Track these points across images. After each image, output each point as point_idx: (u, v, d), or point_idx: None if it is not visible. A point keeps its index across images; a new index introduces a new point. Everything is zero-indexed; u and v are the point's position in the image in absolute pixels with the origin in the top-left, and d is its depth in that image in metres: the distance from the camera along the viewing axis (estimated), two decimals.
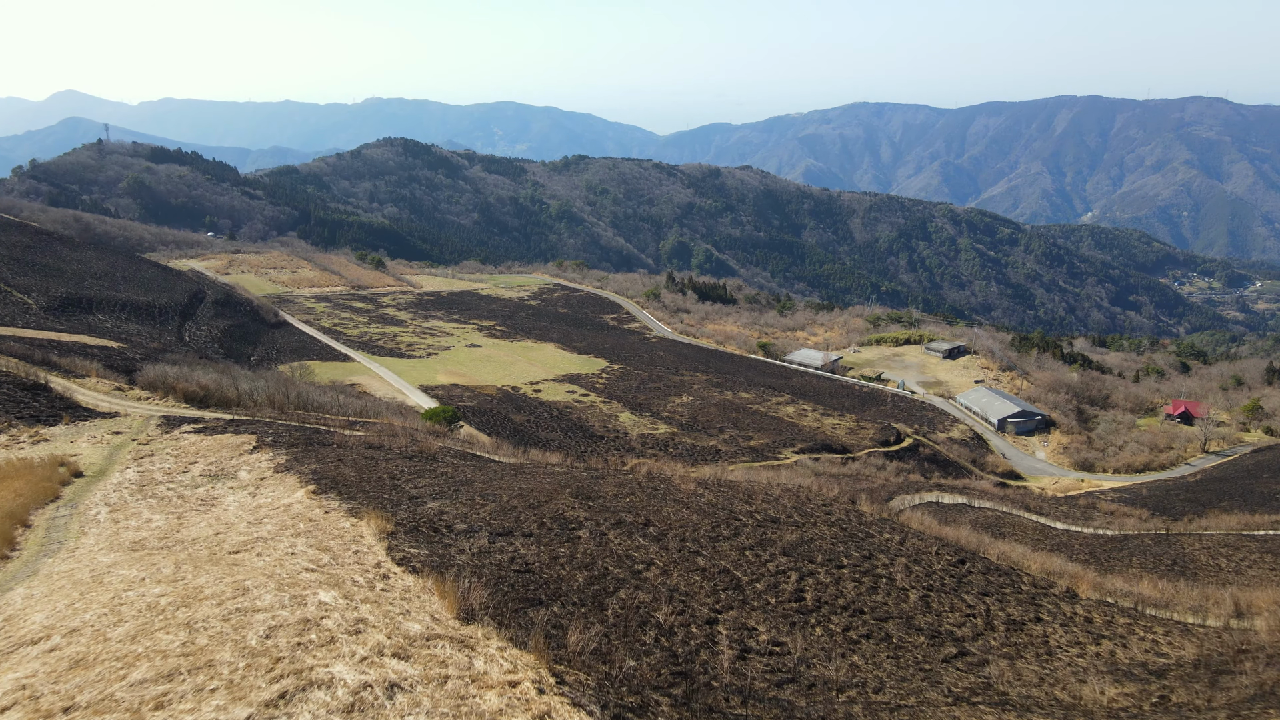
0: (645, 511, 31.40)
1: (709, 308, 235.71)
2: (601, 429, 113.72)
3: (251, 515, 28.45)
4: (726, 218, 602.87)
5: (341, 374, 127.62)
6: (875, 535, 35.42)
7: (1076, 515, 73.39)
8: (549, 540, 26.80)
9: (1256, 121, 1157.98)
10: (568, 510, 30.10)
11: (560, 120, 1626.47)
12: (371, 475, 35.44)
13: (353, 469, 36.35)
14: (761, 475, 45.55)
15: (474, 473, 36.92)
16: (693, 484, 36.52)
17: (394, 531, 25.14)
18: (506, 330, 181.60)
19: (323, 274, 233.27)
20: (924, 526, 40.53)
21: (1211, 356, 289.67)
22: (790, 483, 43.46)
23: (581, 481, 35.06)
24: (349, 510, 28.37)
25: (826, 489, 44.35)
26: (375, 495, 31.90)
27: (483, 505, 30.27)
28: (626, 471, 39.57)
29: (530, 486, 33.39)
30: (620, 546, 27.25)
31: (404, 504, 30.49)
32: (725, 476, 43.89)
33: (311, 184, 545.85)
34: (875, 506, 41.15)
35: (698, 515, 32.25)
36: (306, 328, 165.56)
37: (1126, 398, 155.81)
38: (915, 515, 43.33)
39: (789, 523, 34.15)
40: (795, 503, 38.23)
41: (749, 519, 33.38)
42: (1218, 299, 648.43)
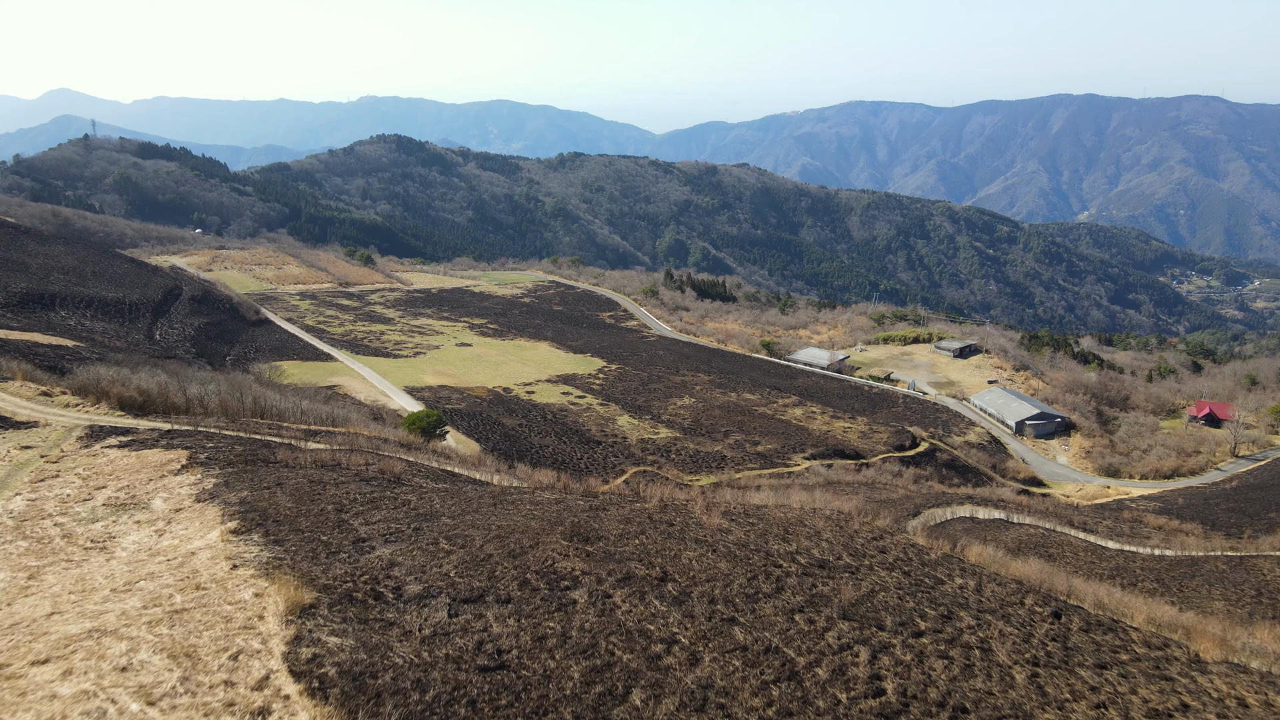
0: (660, 558, 24.21)
1: (708, 305, 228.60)
2: (599, 433, 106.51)
3: (131, 573, 21.22)
4: (724, 216, 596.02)
5: (322, 375, 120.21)
6: (945, 580, 28.30)
7: (1125, 531, 66.47)
8: (533, 609, 19.62)
9: (1253, 120, 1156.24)
10: (560, 560, 22.89)
11: (556, 119, 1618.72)
12: (314, 506, 28.20)
13: (292, 497, 29.09)
14: (793, 498, 38.42)
15: (444, 501, 29.67)
16: (717, 516, 29.29)
17: (314, 604, 17.95)
18: (499, 328, 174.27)
19: (309, 270, 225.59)
20: (993, 563, 33.44)
21: (1220, 355, 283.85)
22: (828, 507, 36.31)
23: (578, 515, 27.83)
24: (265, 565, 21.17)
25: (872, 515, 37.22)
26: (311, 537, 24.67)
27: (448, 552, 23.06)
28: (633, 498, 32.37)
29: (513, 523, 26.15)
30: (630, 616, 20.08)
31: (345, 550, 23.28)
32: (750, 500, 36.71)
33: (303, 181, 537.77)
34: (936, 541, 34.01)
35: (727, 561, 25.06)
36: (289, 326, 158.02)
37: (1147, 399, 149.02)
38: (973, 546, 36.28)
39: (841, 567, 27.00)
40: (841, 536, 31.09)
41: (791, 564, 26.23)
42: (1216, 297, 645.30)
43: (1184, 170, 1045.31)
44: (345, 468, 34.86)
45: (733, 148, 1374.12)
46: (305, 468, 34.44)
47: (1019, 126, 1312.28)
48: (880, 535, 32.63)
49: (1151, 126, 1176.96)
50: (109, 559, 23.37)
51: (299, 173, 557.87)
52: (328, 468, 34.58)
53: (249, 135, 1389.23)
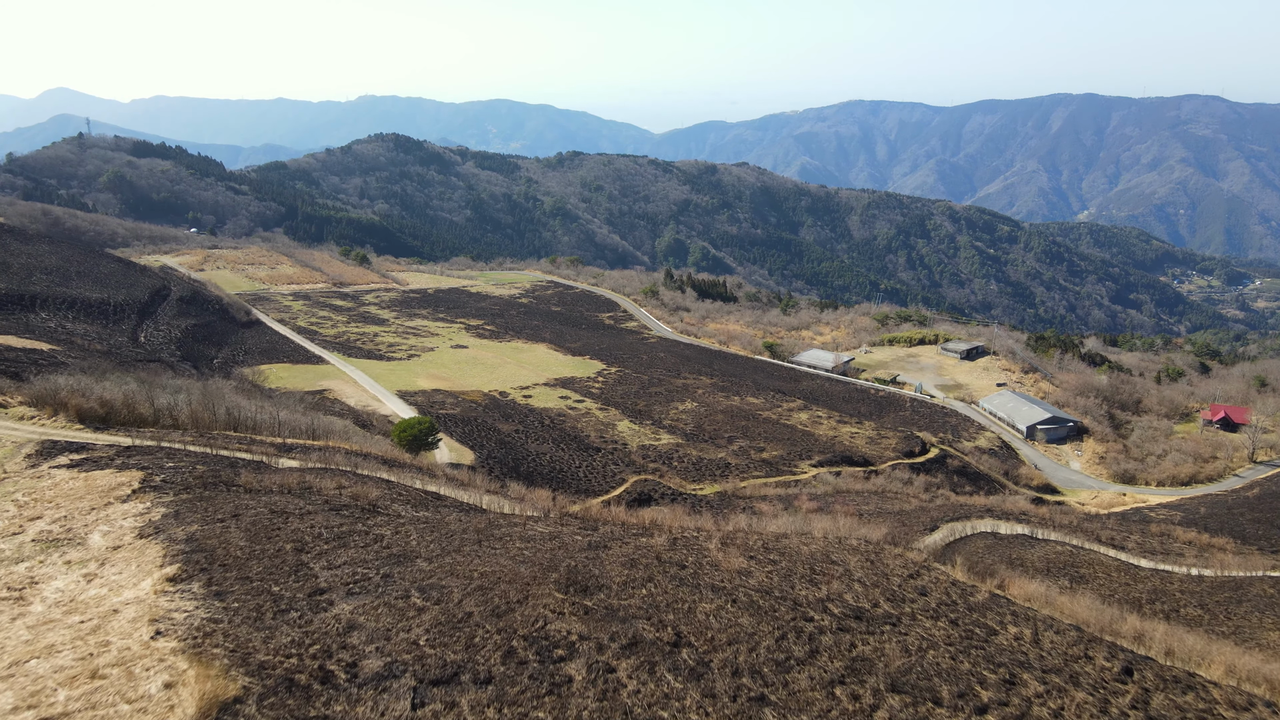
0: (672, 614, 20.48)
1: (709, 306, 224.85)
2: (598, 439, 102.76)
3: (30, 642, 17.48)
4: (723, 215, 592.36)
5: (312, 378, 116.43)
6: (998, 630, 24.59)
7: (1155, 547, 62.82)
8: (519, 692, 15.91)
9: (1252, 119, 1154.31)
10: (553, 620, 19.16)
11: (555, 118, 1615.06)
12: (271, 544, 24.46)
13: (247, 533, 25.35)
14: (815, 525, 34.69)
15: (422, 537, 25.92)
16: (735, 555, 25.54)
17: (240, 698, 14.24)
18: (495, 330, 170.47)
19: (303, 270, 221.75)
20: (1043, 603, 29.72)
21: (1226, 356, 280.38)
22: (854, 536, 32.54)
23: (575, 555, 24.09)
24: (195, 632, 17.47)
25: (899, 541, 33.51)
26: (260, 587, 20.94)
27: (420, 610, 19.33)
28: (638, 529, 28.60)
29: (499, 569, 22.41)
30: (639, 698, 16.37)
31: (298, 607, 19.54)
32: (767, 529, 32.99)
33: (300, 180, 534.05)
34: (979, 580, 30.26)
35: (751, 615, 21.33)
36: (280, 327, 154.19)
37: (1160, 402, 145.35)
38: (1016, 580, 32.58)
39: (879, 617, 23.29)
40: (874, 574, 27.37)
41: (823, 615, 22.51)
42: (1217, 297, 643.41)
43: (1184, 170, 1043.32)
44: (315, 493, 31.10)
45: (732, 147, 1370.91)
46: (270, 494, 30.69)
47: (1018, 126, 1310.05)
48: (917, 571, 28.90)
49: (1151, 126, 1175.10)
50: (17, 616, 19.63)
51: (296, 172, 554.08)
52: (294, 494, 30.82)
53: (247, 135, 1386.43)
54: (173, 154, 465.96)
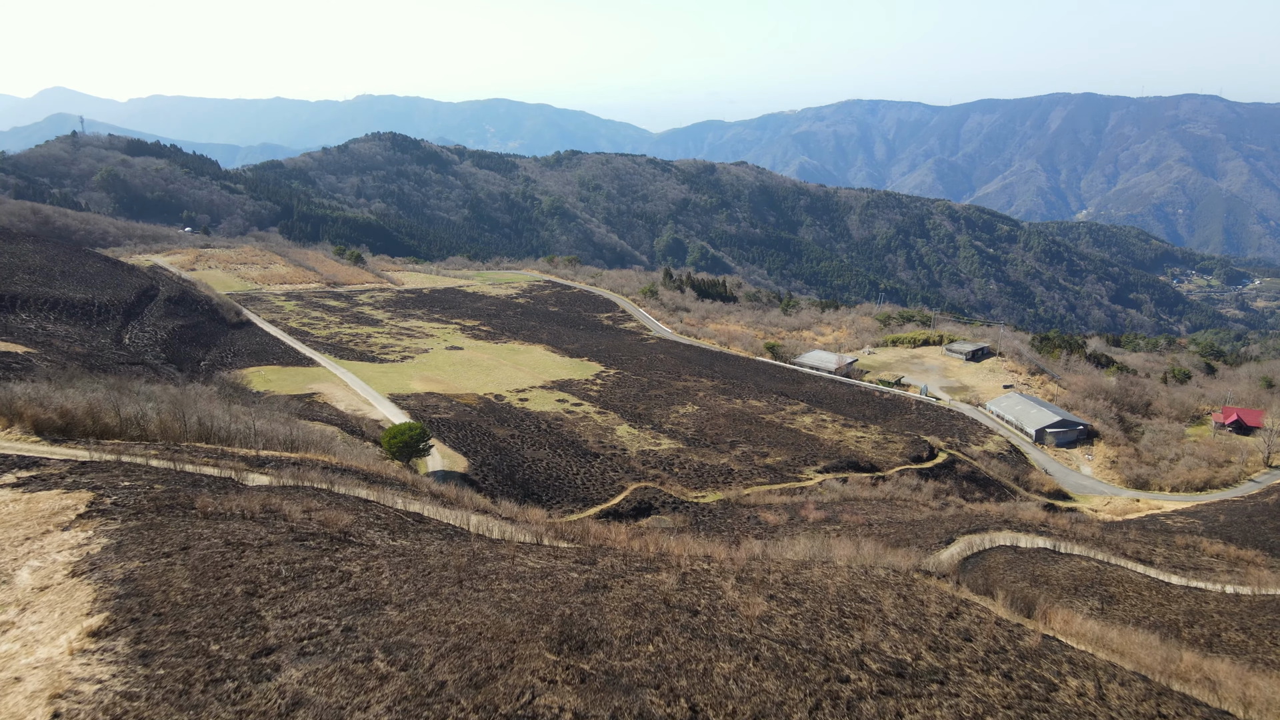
0: (685, 678, 17.21)
1: (709, 306, 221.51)
2: (596, 444, 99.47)
3: None
4: (722, 214, 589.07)
5: (302, 381, 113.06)
6: (1057, 683, 21.33)
7: (1183, 562, 59.65)
8: None
9: (1250, 119, 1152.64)
10: (543, 691, 15.90)
11: (553, 118, 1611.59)
12: (219, 587, 21.18)
13: (194, 572, 22.07)
14: (836, 551, 31.39)
15: (396, 575, 22.64)
16: (755, 596, 22.29)
17: None
18: (492, 331, 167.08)
19: (296, 270, 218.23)
20: (1097, 642, 26.52)
21: (1229, 356, 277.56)
22: (881, 565, 29.30)
23: (570, 602, 20.82)
24: (106, 712, 14.23)
25: (934, 573, 30.25)
26: (198, 645, 17.67)
27: (383, 680, 16.07)
28: (642, 564, 25.33)
29: (481, 620, 19.13)
30: None
31: (236, 675, 16.27)
32: (785, 556, 29.72)
33: (296, 179, 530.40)
34: (1013, 612, 27.04)
35: (777, 677, 18.06)
36: (271, 328, 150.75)
37: (1170, 404, 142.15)
38: (1059, 613, 29.36)
39: (924, 673, 20.02)
40: (909, 614, 24.12)
41: (859, 672, 19.25)
42: (1217, 297, 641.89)
43: (1182, 169, 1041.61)
44: (280, 518, 27.81)
45: (730, 146, 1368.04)
46: (229, 520, 27.40)
47: (1017, 125, 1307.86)
48: (956, 609, 25.65)
49: (1149, 125, 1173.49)
50: None
51: (292, 170, 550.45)
52: (256, 520, 27.51)
53: (244, 134, 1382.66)
54: (167, 153, 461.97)
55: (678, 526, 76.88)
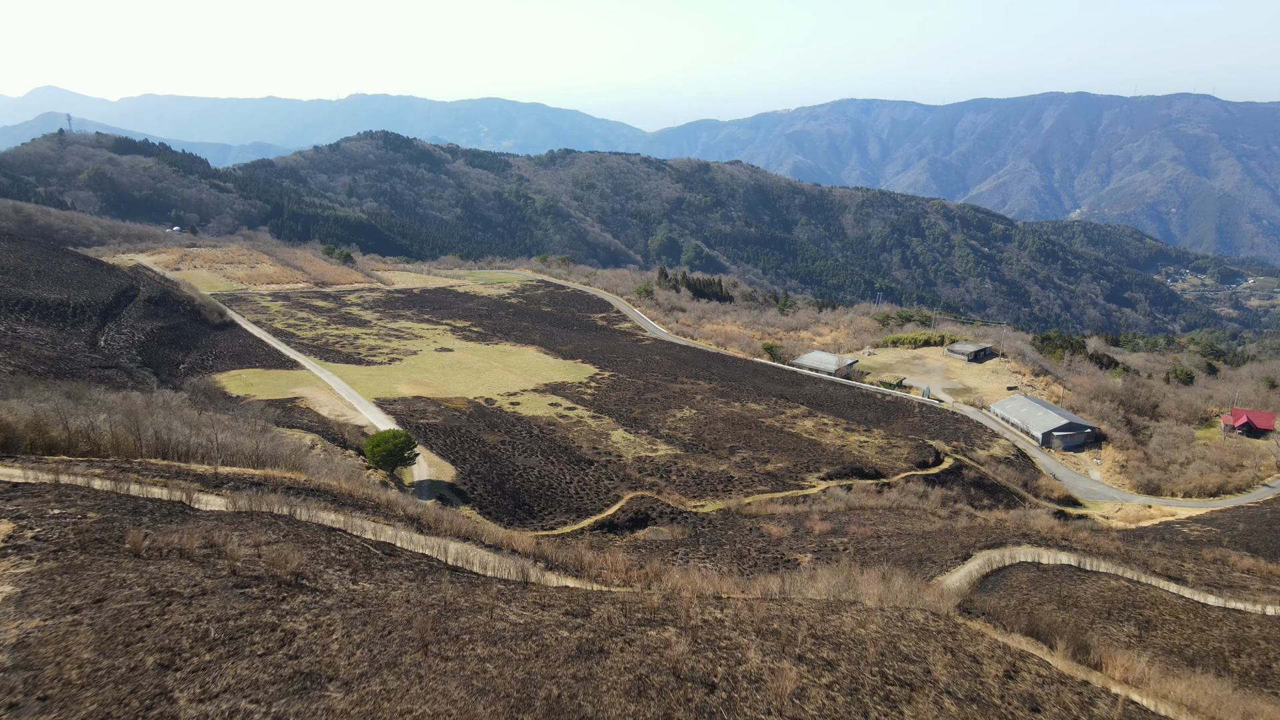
0: None
1: (705, 306, 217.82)
2: (590, 451, 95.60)
3: None
4: (716, 213, 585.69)
5: (284, 385, 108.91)
6: None
7: (1214, 578, 56.10)
8: None
9: (1243, 118, 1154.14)
10: None
11: (546, 117, 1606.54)
12: (128, 655, 17.30)
13: (100, 634, 18.17)
14: (863, 586, 27.54)
15: (348, 636, 18.76)
16: (782, 663, 18.45)
17: None
18: (483, 332, 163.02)
19: (284, 269, 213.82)
20: (1175, 701, 22.81)
21: (1229, 356, 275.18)
22: (917, 605, 25.51)
23: (559, 674, 16.97)
24: None
25: (975, 610, 26.46)
26: None
27: None
28: (645, 616, 21.50)
29: (447, 710, 15.25)
30: None
31: None
32: (806, 596, 25.91)
33: (287, 178, 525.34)
34: (1075, 664, 23.29)
35: None
36: (255, 329, 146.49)
37: (1178, 406, 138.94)
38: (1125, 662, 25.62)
39: None
40: (963, 678, 20.32)
41: None
42: (1211, 295, 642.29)
43: (1175, 168, 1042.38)
44: (222, 556, 23.90)
45: (724, 146, 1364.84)
46: (161, 559, 23.49)
47: (1010, 125, 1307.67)
48: (1014, 666, 21.87)
49: (1143, 124, 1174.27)
50: None
51: (283, 169, 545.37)
52: (194, 560, 23.60)
53: (237, 133, 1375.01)
54: (156, 151, 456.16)
55: (676, 539, 73.10)
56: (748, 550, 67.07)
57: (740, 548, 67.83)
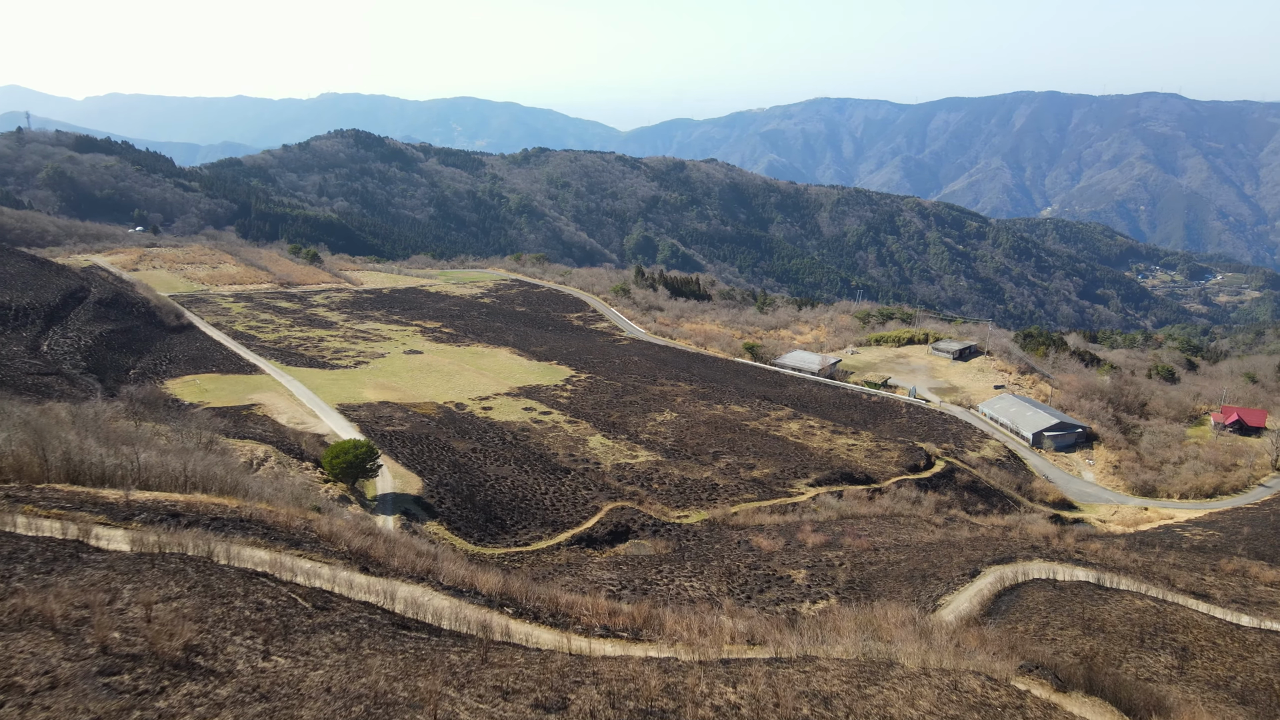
0: None
1: (683, 305, 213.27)
2: (567, 458, 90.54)
3: None
4: (692, 212, 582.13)
5: (241, 391, 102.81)
6: None
7: (1238, 592, 52.25)
8: None
9: (1209, 117, 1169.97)
10: None
11: (520, 116, 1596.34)
12: None
13: None
14: (899, 644, 22.80)
15: None
16: None
17: None
18: (454, 333, 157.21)
19: (248, 270, 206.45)
20: None
21: (1208, 352, 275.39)
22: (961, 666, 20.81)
23: None
24: None
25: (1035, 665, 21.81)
26: None
27: None
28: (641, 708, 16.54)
29: None
30: None
31: None
32: (830, 653, 21.14)
33: (256, 177, 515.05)
34: None
35: None
36: (214, 332, 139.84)
37: (1167, 404, 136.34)
38: None
39: None
40: None
41: None
42: (1180, 292, 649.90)
43: (1144, 166, 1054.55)
44: (90, 627, 18.67)
45: (699, 145, 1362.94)
46: (11, 633, 18.20)
47: (982, 123, 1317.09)
48: None
49: (1112, 123, 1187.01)
50: None
51: (251, 168, 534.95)
52: (57, 631, 18.36)
53: (205, 133, 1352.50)
54: (118, 149, 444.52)
55: (659, 554, 68.27)
56: (737, 566, 62.38)
57: (729, 563, 63.12)
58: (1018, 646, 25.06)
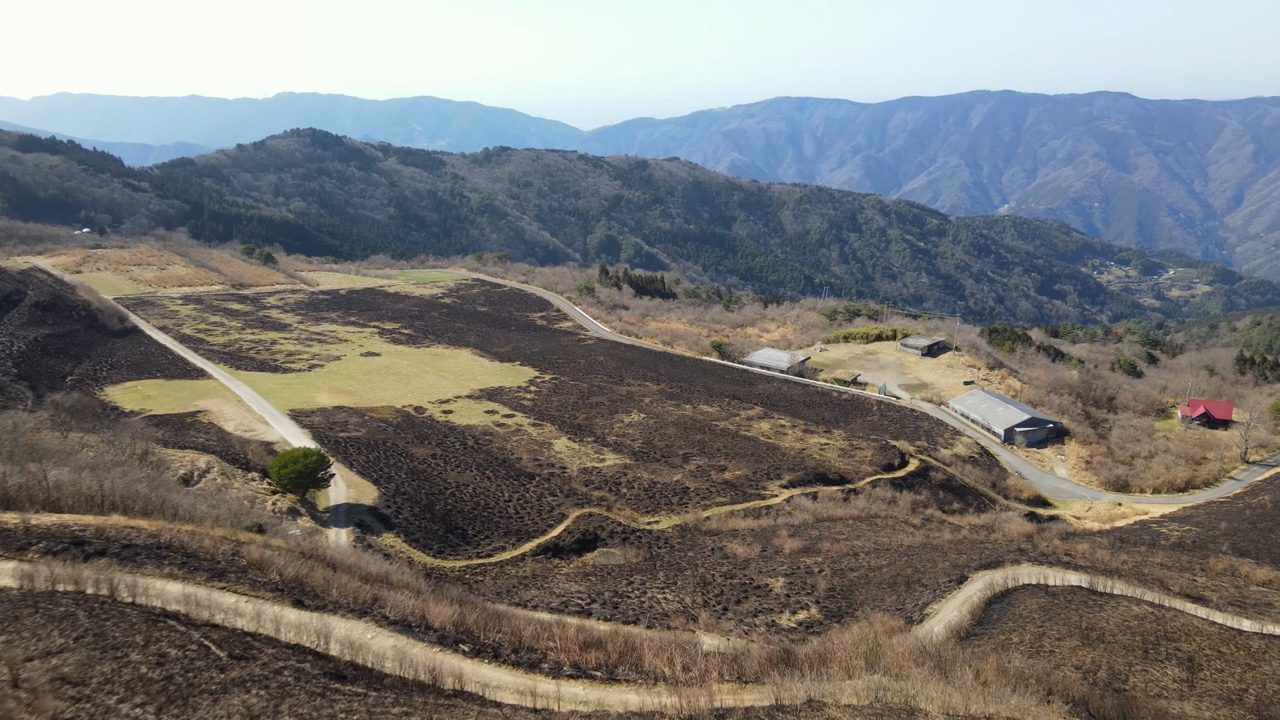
0: None
1: (648, 303, 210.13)
2: (531, 463, 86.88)
3: None
4: (655, 210, 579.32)
5: (186, 397, 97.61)
6: None
7: (1231, 593, 50.38)
8: None
9: (1159, 115, 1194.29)
10: None
11: (481, 115, 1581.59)
12: None
13: None
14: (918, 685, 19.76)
15: None
16: None
17: None
18: (414, 334, 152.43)
19: (198, 271, 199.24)
20: None
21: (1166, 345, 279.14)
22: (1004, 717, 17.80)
23: None
24: None
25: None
26: None
27: None
28: None
29: None
30: None
31: None
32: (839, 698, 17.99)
33: (209, 177, 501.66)
34: None
35: None
36: (160, 335, 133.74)
37: (1134, 398, 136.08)
38: None
39: None
40: None
41: None
42: (1135, 287, 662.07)
43: (1097, 164, 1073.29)
44: None
45: (661, 144, 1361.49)
46: None
47: (940, 122, 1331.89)
48: None
49: (1065, 122, 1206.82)
50: None
51: (204, 168, 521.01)
52: None
53: (158, 133, 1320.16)
54: (64, 149, 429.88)
55: (630, 563, 65.01)
56: (712, 575, 59.32)
57: (704, 572, 60.03)
58: (1044, 679, 22.16)
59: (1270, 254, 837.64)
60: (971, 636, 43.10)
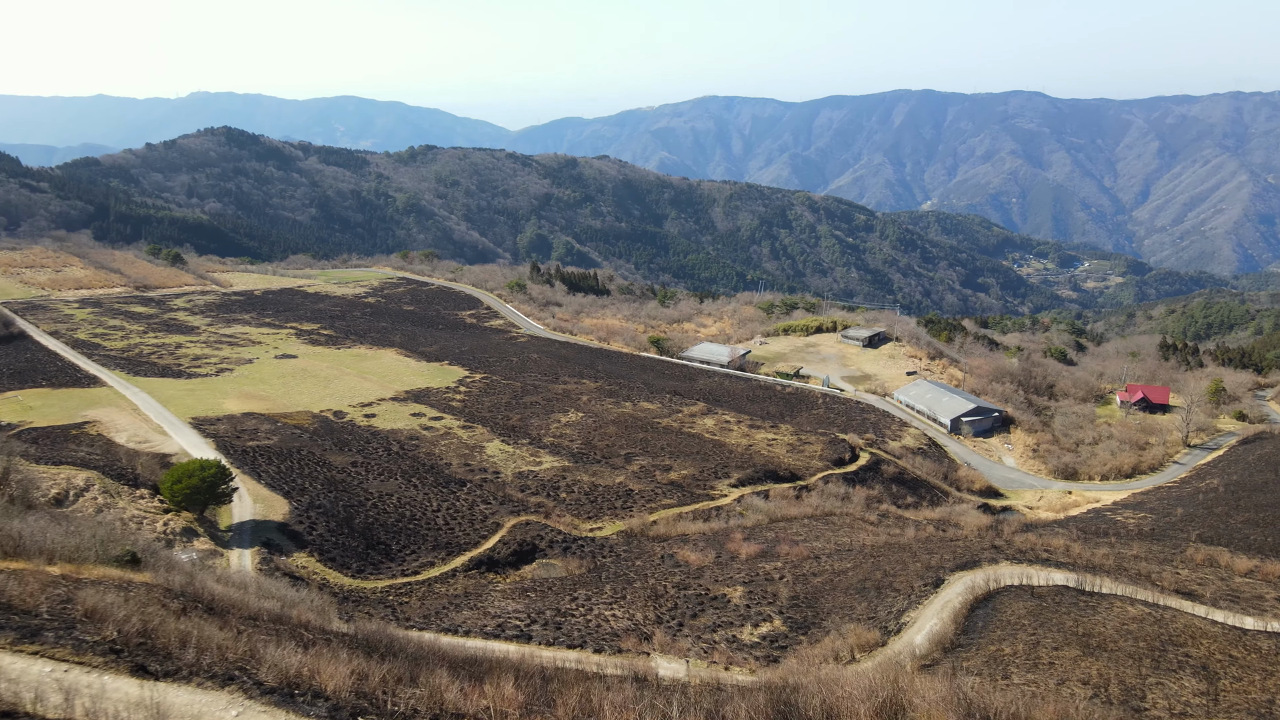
0: None
1: (582, 300, 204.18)
2: (462, 469, 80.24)
3: None
4: (586, 209, 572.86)
5: (74, 407, 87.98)
6: None
7: (1220, 587, 47.26)
8: None
9: (1071, 114, 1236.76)
10: None
11: (406, 115, 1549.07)
12: None
13: None
14: None
15: None
16: None
17: None
18: (334, 335, 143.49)
19: (98, 273, 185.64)
20: None
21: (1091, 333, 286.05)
22: None
23: None
24: None
25: None
26: None
27: None
28: None
29: None
30: None
31: None
32: None
33: (116, 177, 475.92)
34: None
35: None
36: (50, 341, 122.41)
37: (1074, 384, 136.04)
38: None
39: None
40: None
41: None
42: (1053, 279, 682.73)
43: (1014, 161, 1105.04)
44: None
45: (589, 143, 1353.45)
46: None
47: (864, 120, 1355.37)
48: None
49: (983, 120, 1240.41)
50: None
51: (111, 168, 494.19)
52: None
53: (63, 134, 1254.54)
54: None
55: (573, 576, 59.16)
56: (664, 587, 53.92)
57: (654, 584, 54.60)
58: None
59: (1175, 246, 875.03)
60: (958, 648, 38.68)
